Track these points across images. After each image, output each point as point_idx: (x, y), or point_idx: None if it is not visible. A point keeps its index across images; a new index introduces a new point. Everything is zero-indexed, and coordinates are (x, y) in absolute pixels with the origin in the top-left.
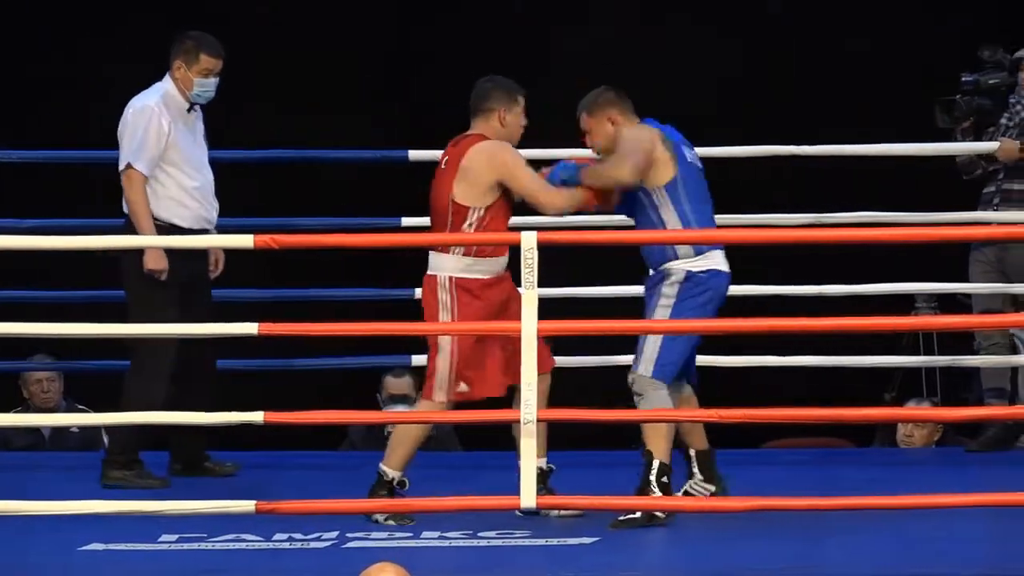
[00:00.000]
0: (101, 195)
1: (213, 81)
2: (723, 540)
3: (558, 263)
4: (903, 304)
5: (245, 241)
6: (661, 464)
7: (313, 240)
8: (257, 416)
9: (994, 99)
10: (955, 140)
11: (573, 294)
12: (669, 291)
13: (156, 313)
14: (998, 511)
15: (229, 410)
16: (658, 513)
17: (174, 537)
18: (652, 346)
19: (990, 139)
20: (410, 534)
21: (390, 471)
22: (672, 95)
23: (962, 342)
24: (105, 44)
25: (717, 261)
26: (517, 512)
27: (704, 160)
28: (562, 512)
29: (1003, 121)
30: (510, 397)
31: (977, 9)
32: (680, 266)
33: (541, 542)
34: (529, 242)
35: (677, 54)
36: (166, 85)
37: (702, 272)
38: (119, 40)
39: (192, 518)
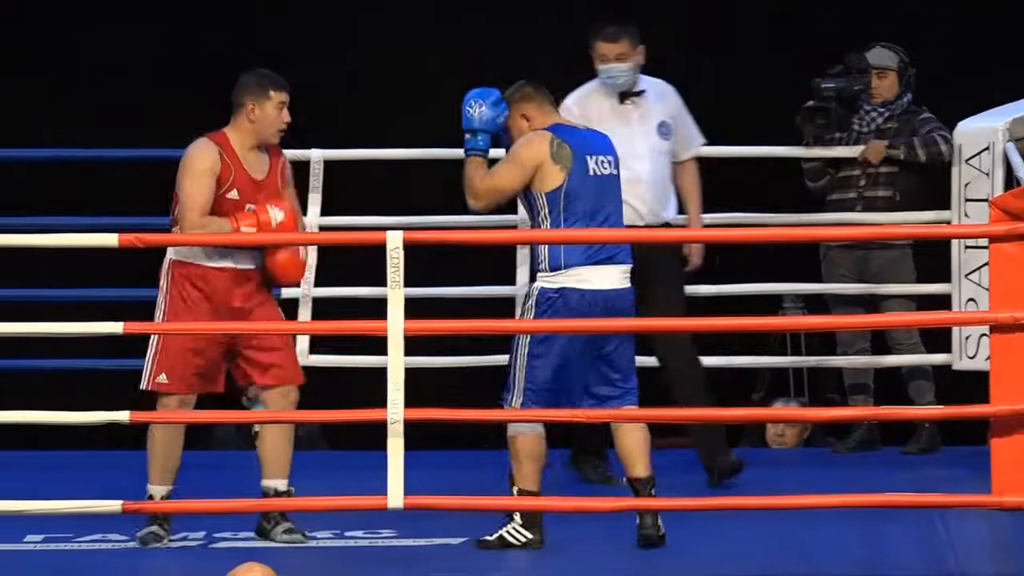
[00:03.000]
0: None
1: (614, 67)
2: (594, 543)
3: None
4: (771, 304)
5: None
6: (520, 491)
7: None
8: (123, 415)
9: (845, 105)
10: (806, 146)
11: (439, 294)
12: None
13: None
14: (864, 512)
15: (94, 409)
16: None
17: (40, 537)
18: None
19: (841, 144)
20: None
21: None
22: None
23: (830, 342)
24: None
25: (582, 278)
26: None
27: None
28: (284, 534)
29: (855, 127)
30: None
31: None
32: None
33: (408, 542)
34: (395, 241)
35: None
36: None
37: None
38: None
39: (58, 518)
